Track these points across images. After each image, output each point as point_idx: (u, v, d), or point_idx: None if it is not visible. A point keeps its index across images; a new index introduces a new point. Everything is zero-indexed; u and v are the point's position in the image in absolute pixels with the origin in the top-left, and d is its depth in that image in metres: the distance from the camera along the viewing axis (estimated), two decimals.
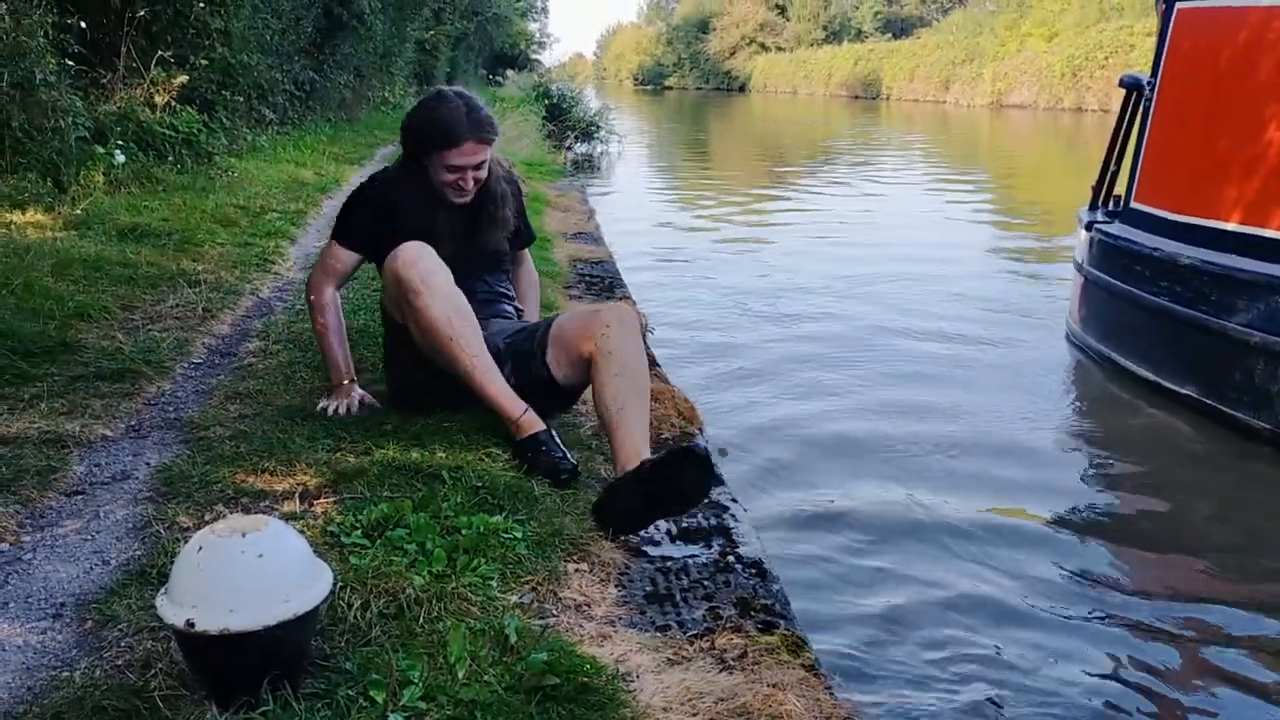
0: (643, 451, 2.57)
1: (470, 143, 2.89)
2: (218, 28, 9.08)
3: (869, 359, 5.98)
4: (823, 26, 69.56)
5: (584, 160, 19.76)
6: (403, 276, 2.72)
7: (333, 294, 3.08)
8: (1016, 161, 20.47)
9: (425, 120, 2.95)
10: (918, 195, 14.49)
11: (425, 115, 2.97)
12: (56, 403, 3.03)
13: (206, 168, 7.87)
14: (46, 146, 6.21)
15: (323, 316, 3.05)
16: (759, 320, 6.91)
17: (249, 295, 4.78)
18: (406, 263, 2.73)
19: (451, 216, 3.00)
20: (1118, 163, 5.92)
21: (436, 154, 2.91)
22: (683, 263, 8.95)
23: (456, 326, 2.72)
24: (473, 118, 2.90)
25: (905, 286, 7.91)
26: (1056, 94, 35.61)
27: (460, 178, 2.93)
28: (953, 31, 47.36)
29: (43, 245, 4.92)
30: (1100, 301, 5.42)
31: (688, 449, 2.47)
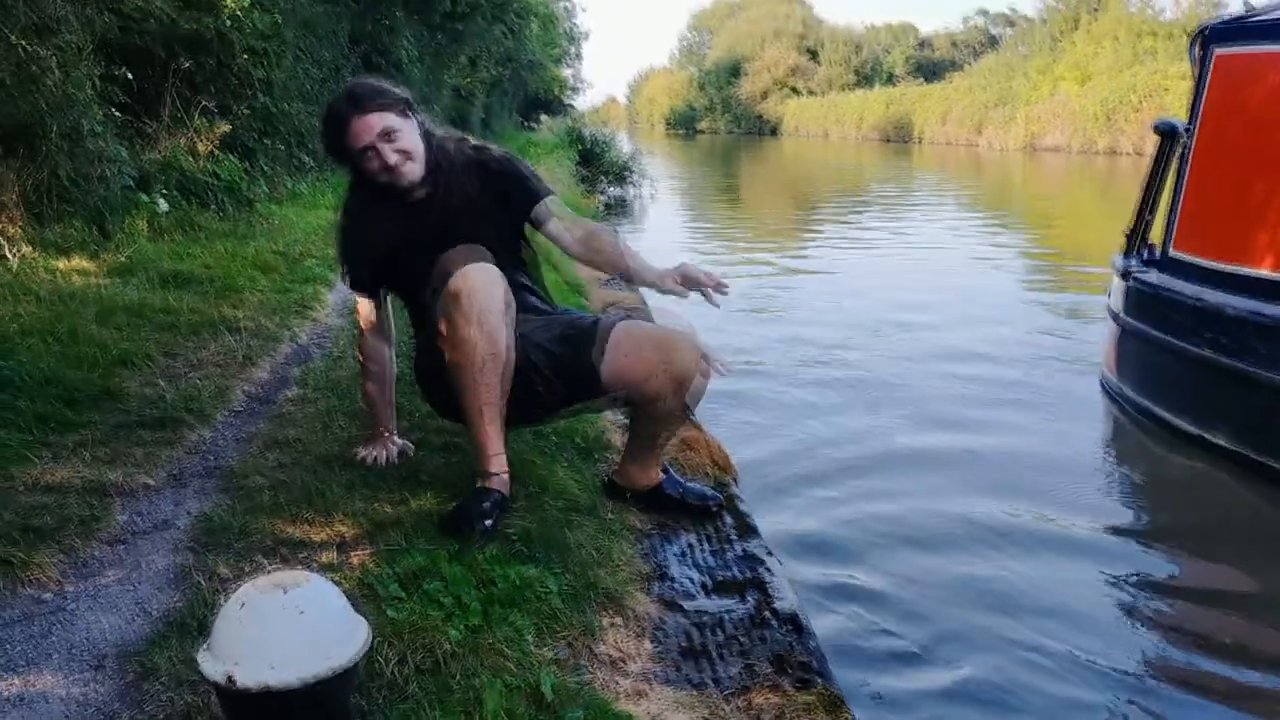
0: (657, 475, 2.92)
1: (355, 118, 2.70)
2: (260, 77, 9.27)
3: (901, 405, 5.96)
4: (854, 71, 69.95)
5: (616, 204, 19.89)
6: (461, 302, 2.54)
7: (372, 343, 2.99)
8: (1051, 205, 20.39)
9: (322, 129, 2.85)
10: (951, 238, 14.46)
11: (322, 127, 2.87)
12: (100, 450, 3.07)
13: (247, 214, 8.01)
14: (92, 194, 6.34)
15: (363, 366, 3.03)
16: (791, 365, 6.90)
17: (288, 341, 4.83)
18: (468, 292, 2.54)
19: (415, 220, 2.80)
20: (1152, 209, 5.89)
21: (344, 147, 2.75)
22: (715, 307, 8.96)
23: (486, 371, 2.58)
24: (350, 95, 2.76)
25: (938, 331, 7.88)
26: (1090, 137, 35.51)
27: (376, 159, 2.72)
28: (985, 75, 47.45)
29: (87, 292, 5.02)
30: (1138, 351, 5.37)
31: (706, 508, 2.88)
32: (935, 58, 69.05)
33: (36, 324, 4.20)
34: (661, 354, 2.66)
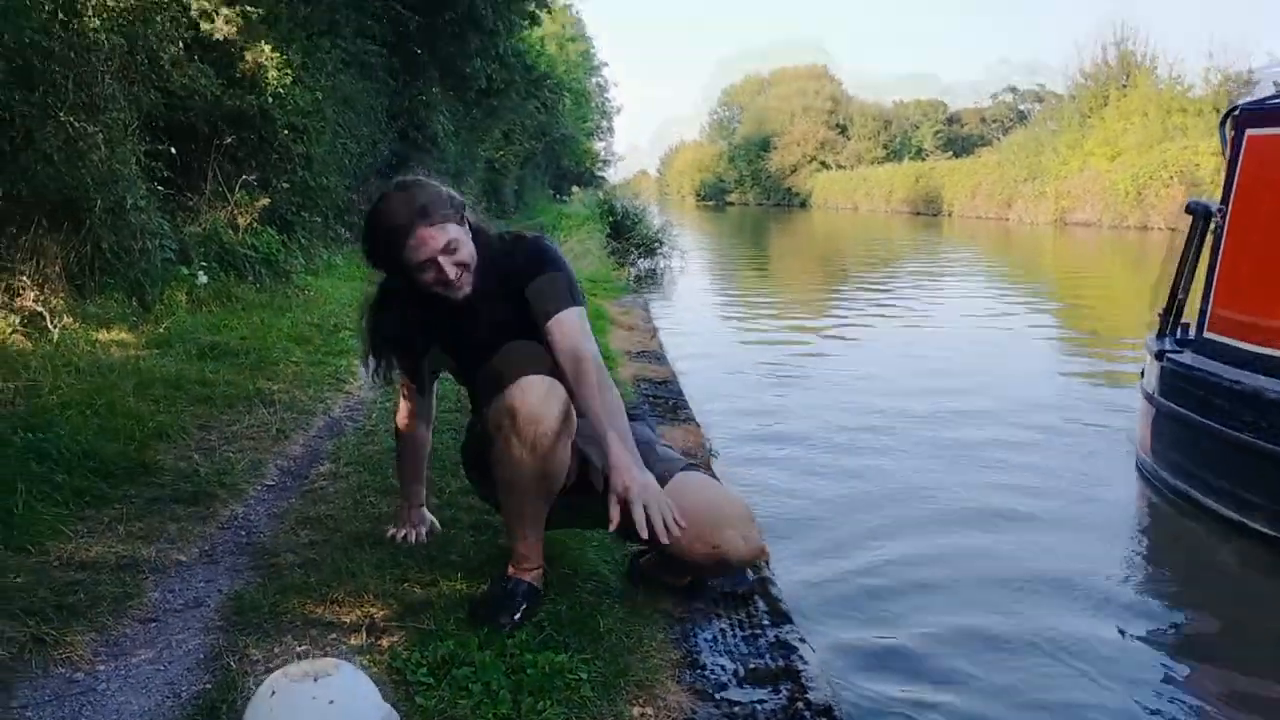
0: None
1: (419, 230, 2.51)
2: (300, 152, 9.47)
3: (931, 481, 5.88)
4: (883, 145, 70.53)
5: (647, 275, 20.01)
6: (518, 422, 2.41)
7: (412, 422, 2.94)
8: (1082, 279, 20.34)
9: (371, 229, 2.61)
10: (983, 312, 14.42)
11: (370, 225, 2.62)
12: (134, 526, 3.10)
13: (284, 286, 8.14)
14: (134, 267, 6.47)
15: (400, 442, 3.01)
16: (820, 439, 6.83)
17: (321, 415, 4.88)
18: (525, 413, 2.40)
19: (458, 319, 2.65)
20: (1185, 290, 5.86)
21: (399, 257, 2.55)
22: (745, 381, 8.95)
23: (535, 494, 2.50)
24: (414, 202, 2.54)
25: (969, 406, 7.80)
26: (1121, 212, 35.48)
27: (436, 273, 2.55)
28: (1014, 150, 47.60)
29: (126, 364, 5.10)
30: (1174, 434, 5.31)
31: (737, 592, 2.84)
32: (964, 133, 69.52)
33: (76, 396, 4.26)
34: (711, 529, 2.47)
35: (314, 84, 10.04)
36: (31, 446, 3.52)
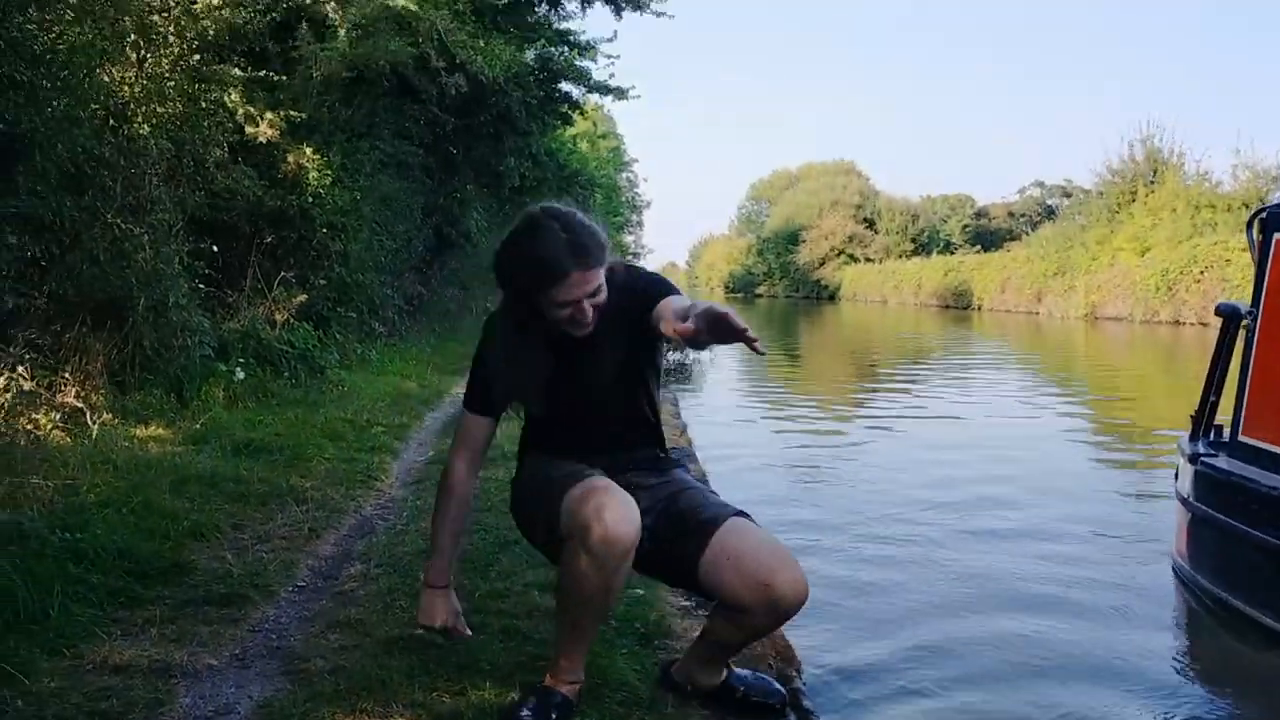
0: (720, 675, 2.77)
1: (576, 273, 2.46)
2: (337, 250, 9.69)
3: (964, 582, 5.80)
4: (911, 239, 70.93)
5: (676, 369, 20.07)
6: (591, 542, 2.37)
7: (464, 471, 2.79)
8: (1115, 374, 20.22)
9: (518, 258, 2.54)
10: (1015, 407, 14.34)
11: (518, 252, 2.54)
12: (167, 629, 3.12)
13: (319, 381, 8.25)
14: (173, 364, 6.60)
15: (448, 491, 2.78)
16: (852, 538, 6.77)
17: (352, 513, 4.91)
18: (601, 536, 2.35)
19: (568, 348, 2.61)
20: (1217, 391, 5.83)
21: (543, 293, 2.49)
22: (776, 478, 8.92)
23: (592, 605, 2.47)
24: (574, 242, 2.47)
25: (1001, 503, 7.71)
26: (1152, 307, 35.37)
27: (575, 313, 2.51)
28: (1043, 245, 47.74)
29: (163, 461, 5.17)
30: (1210, 540, 5.23)
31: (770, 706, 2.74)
32: (992, 227, 69.87)
33: (113, 494, 4.33)
34: (765, 574, 2.47)
35: (353, 184, 10.31)
36: (69, 546, 3.57)
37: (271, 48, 9.53)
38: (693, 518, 2.58)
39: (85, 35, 6.42)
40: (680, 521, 2.59)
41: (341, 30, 9.84)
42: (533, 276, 2.49)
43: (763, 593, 2.46)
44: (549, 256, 2.45)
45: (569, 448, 2.72)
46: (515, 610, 3.35)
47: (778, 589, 2.47)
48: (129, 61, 7.14)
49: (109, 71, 6.86)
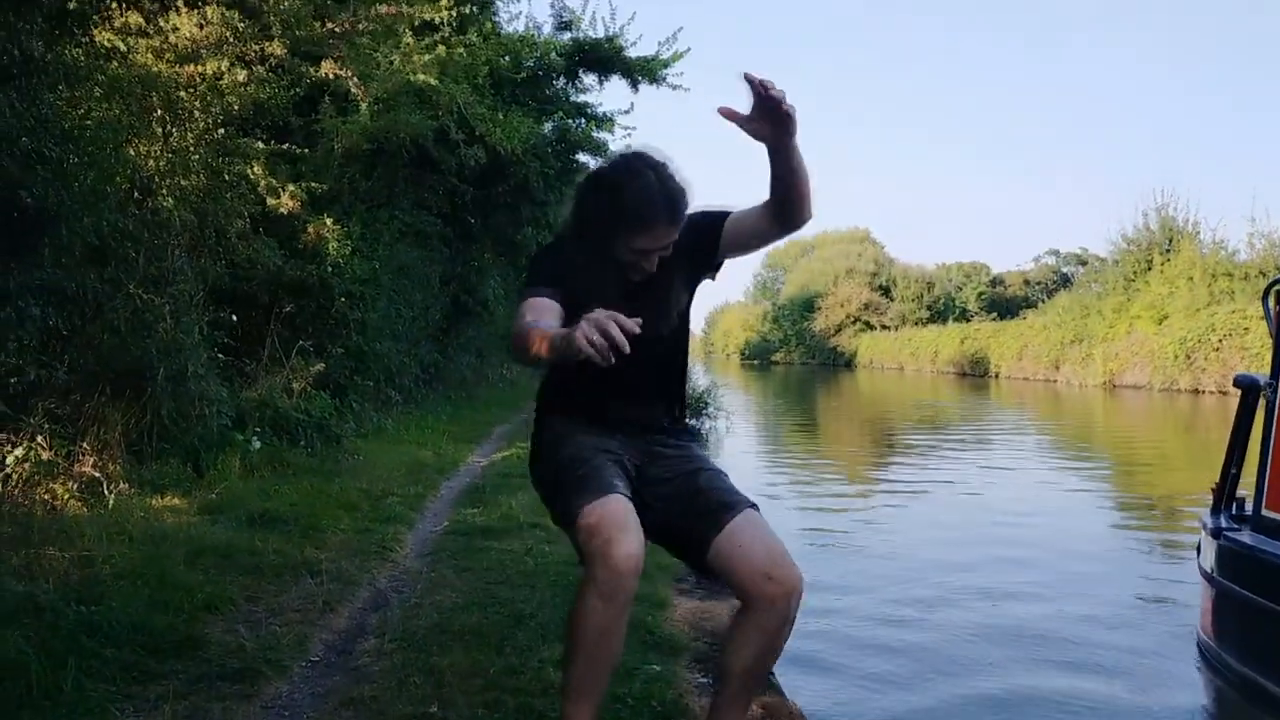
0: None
1: (663, 226, 2.48)
2: (355, 319, 9.77)
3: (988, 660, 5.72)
4: (926, 307, 71.00)
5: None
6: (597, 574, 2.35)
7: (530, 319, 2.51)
8: (1135, 444, 20.05)
9: (613, 199, 2.48)
10: (1034, 479, 14.22)
11: (612, 191, 2.50)
12: (180, 705, 3.09)
13: (335, 451, 8.26)
14: (190, 433, 6.63)
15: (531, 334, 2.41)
16: (872, 616, 6.68)
17: (366, 586, 4.88)
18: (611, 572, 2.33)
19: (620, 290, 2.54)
20: (1238, 464, 5.78)
21: (623, 235, 2.48)
22: (794, 550, 8.81)
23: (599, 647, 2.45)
24: (669, 200, 2.48)
25: (1022, 576, 7.62)
26: (1171, 375, 35.19)
27: (643, 260, 2.53)
28: (1059, 313, 47.73)
29: (178, 532, 5.17)
30: (1237, 617, 5.14)
31: None
32: (1008, 295, 69.90)
33: (129, 566, 4.32)
34: (767, 567, 2.51)
35: (372, 253, 10.43)
36: (83, 620, 3.56)
37: (294, 121, 9.72)
38: (708, 501, 2.58)
39: (113, 111, 6.57)
40: (695, 501, 2.58)
41: (363, 104, 10.03)
42: (620, 220, 2.48)
43: (763, 586, 2.50)
44: (643, 205, 2.46)
45: (593, 405, 2.65)
46: (530, 688, 3.31)
47: (778, 583, 2.50)
48: (155, 136, 7.28)
49: (135, 146, 7.00)
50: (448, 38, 10.84)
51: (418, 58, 10.15)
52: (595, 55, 15.80)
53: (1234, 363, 30.95)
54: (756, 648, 2.59)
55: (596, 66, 16.07)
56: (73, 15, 5.41)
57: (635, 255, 2.52)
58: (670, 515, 2.58)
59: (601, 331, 2.09)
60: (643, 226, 2.47)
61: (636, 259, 2.53)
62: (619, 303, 2.30)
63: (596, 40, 15.89)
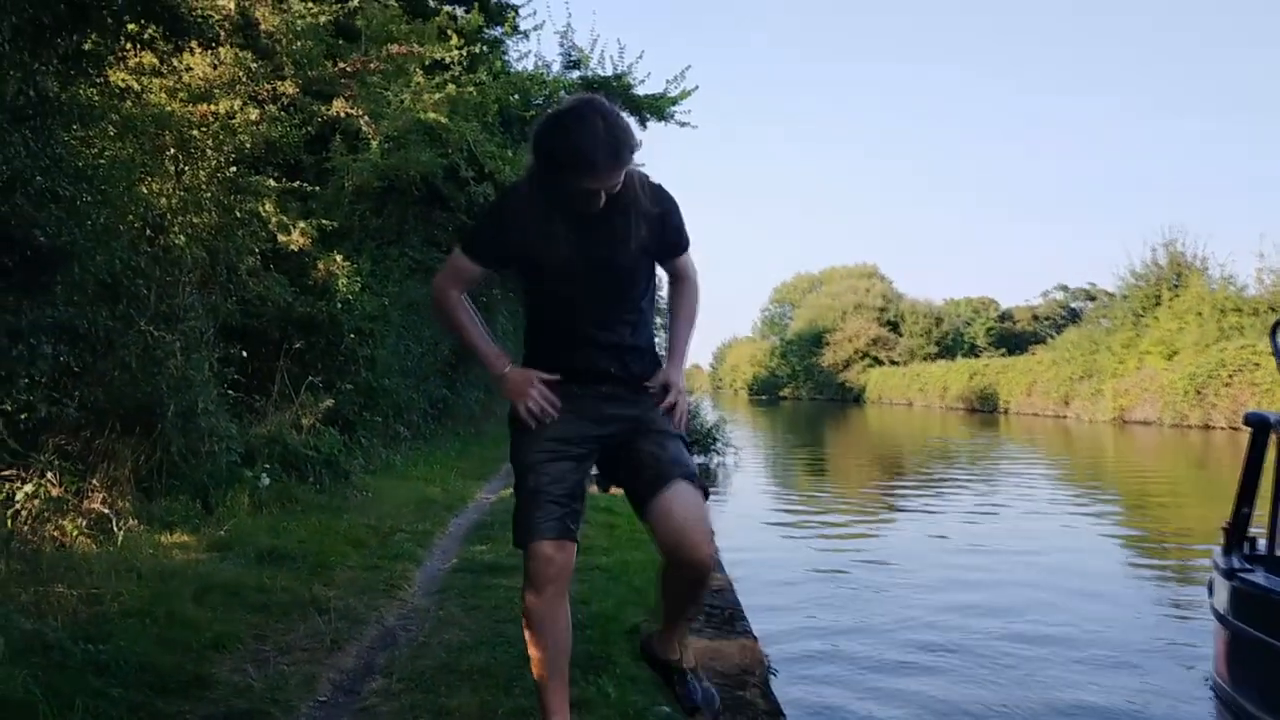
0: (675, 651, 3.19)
1: (607, 168, 2.69)
2: (365, 355, 9.79)
3: (1000, 705, 5.67)
4: (935, 342, 70.96)
5: (700, 472, 19.94)
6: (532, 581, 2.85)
7: (456, 294, 3.00)
8: (1146, 482, 19.93)
9: (561, 143, 2.71)
10: (1044, 515, 14.14)
11: (561, 137, 2.72)
12: None
13: (343, 487, 8.24)
14: (200, 470, 6.63)
15: (454, 313, 2.99)
16: (882, 661, 6.60)
17: (374, 624, 4.86)
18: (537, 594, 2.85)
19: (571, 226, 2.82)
20: (1250, 502, 5.74)
21: (571, 176, 2.70)
22: (803, 590, 8.79)
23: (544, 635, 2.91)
24: (611, 142, 2.68)
25: (1036, 621, 7.57)
26: (1181, 411, 35.04)
27: (589, 199, 2.75)
28: (1068, 348, 47.67)
29: (187, 569, 5.16)
30: (1252, 658, 5.08)
31: None
32: (1017, 330, 69.85)
33: (137, 604, 4.31)
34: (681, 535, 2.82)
35: (381, 290, 10.48)
36: (91, 658, 3.55)
37: (306, 159, 9.79)
38: (651, 466, 2.89)
39: (126, 150, 6.63)
40: (640, 462, 2.91)
41: (374, 142, 10.11)
42: (566, 161, 2.70)
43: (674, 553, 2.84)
44: (586, 148, 2.66)
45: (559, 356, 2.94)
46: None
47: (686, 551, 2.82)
48: (167, 174, 7.34)
49: (148, 184, 7.06)
50: (458, 76, 10.94)
51: (428, 96, 10.25)
52: (603, 93, 15.92)
53: (1245, 398, 30.82)
54: (674, 599, 3.04)
55: None
56: (88, 56, 5.48)
57: (579, 191, 2.73)
58: (618, 466, 2.99)
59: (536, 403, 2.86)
60: (588, 168, 2.67)
61: (581, 197, 2.75)
62: (571, 237, 2.81)
63: (605, 78, 16.05)
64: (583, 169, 2.68)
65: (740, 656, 4.74)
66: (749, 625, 5.67)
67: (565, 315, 2.93)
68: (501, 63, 14.87)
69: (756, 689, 4.25)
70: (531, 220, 2.83)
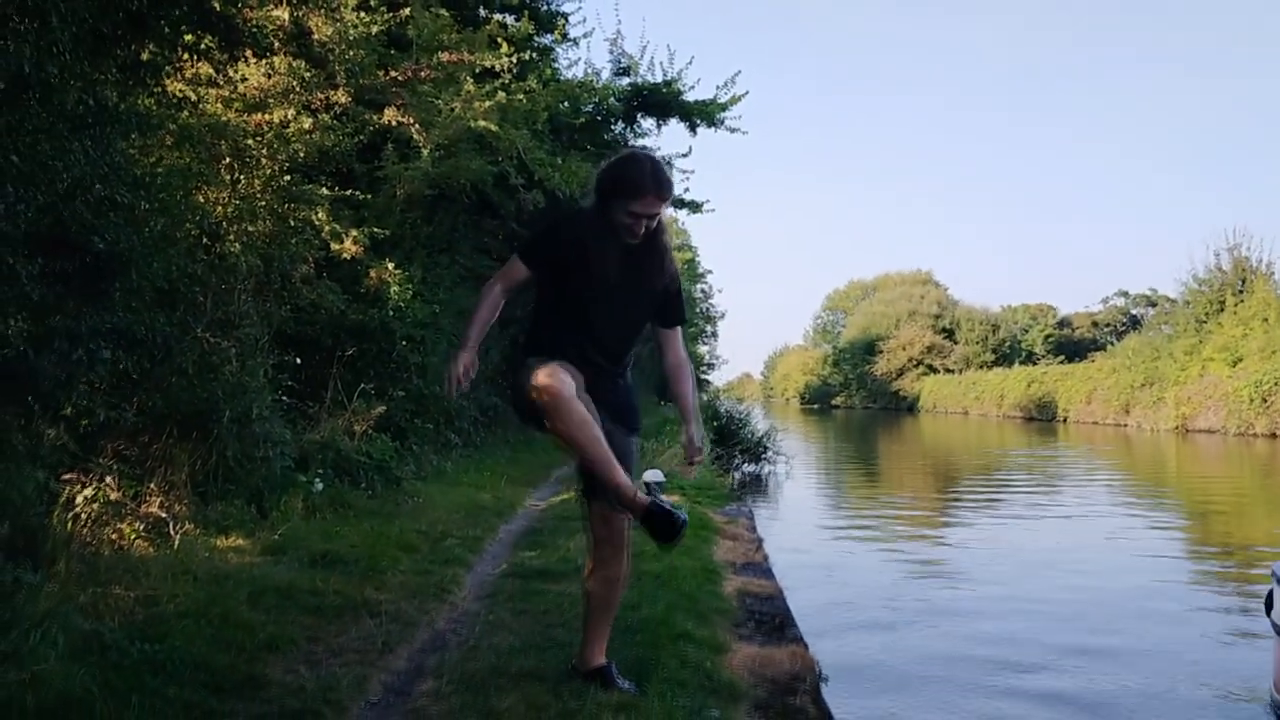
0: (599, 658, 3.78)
1: (651, 196, 3.43)
2: (416, 362, 9.85)
3: (1044, 705, 5.54)
4: (991, 349, 70.02)
5: (751, 481, 19.86)
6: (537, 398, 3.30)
7: (499, 293, 3.63)
8: (1209, 492, 19.48)
9: (618, 173, 3.49)
10: (1103, 526, 13.86)
11: (619, 169, 3.51)
12: None
13: (395, 493, 8.30)
14: (255, 475, 6.70)
15: (483, 301, 3.63)
16: (937, 676, 6.43)
17: (425, 627, 4.87)
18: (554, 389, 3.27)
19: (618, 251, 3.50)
20: None
21: (622, 201, 3.42)
22: (855, 599, 8.67)
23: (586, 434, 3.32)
24: (656, 177, 3.46)
25: (1095, 638, 7.38)
26: (1246, 419, 34.22)
27: (635, 223, 3.45)
28: (1129, 355, 46.76)
29: (241, 572, 5.21)
30: None
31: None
32: (1076, 337, 68.79)
33: (192, 606, 4.36)
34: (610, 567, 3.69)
35: (432, 297, 10.54)
36: (147, 658, 3.59)
37: (358, 168, 9.89)
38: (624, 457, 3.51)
39: (183, 159, 6.73)
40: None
41: (425, 150, 10.18)
42: (618, 188, 3.45)
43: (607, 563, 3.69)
44: (636, 177, 3.45)
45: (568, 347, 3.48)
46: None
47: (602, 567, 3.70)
48: (223, 183, 7.45)
49: (204, 193, 7.16)
50: (508, 84, 10.99)
51: (478, 104, 10.30)
52: (653, 99, 15.95)
53: None
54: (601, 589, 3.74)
55: (655, 110, 16.22)
56: (146, 66, 5.56)
57: (630, 219, 3.44)
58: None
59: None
60: (637, 193, 3.42)
61: (630, 222, 3.45)
62: (617, 258, 3.49)
63: (655, 84, 16.05)
64: (631, 194, 3.42)
65: (790, 663, 4.68)
66: (799, 632, 5.61)
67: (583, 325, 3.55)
68: (551, 70, 14.92)
69: (808, 695, 4.19)
70: (590, 237, 3.49)
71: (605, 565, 3.69)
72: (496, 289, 3.63)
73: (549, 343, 3.51)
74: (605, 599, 3.73)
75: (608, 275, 3.47)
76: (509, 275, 3.64)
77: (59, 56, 4.36)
